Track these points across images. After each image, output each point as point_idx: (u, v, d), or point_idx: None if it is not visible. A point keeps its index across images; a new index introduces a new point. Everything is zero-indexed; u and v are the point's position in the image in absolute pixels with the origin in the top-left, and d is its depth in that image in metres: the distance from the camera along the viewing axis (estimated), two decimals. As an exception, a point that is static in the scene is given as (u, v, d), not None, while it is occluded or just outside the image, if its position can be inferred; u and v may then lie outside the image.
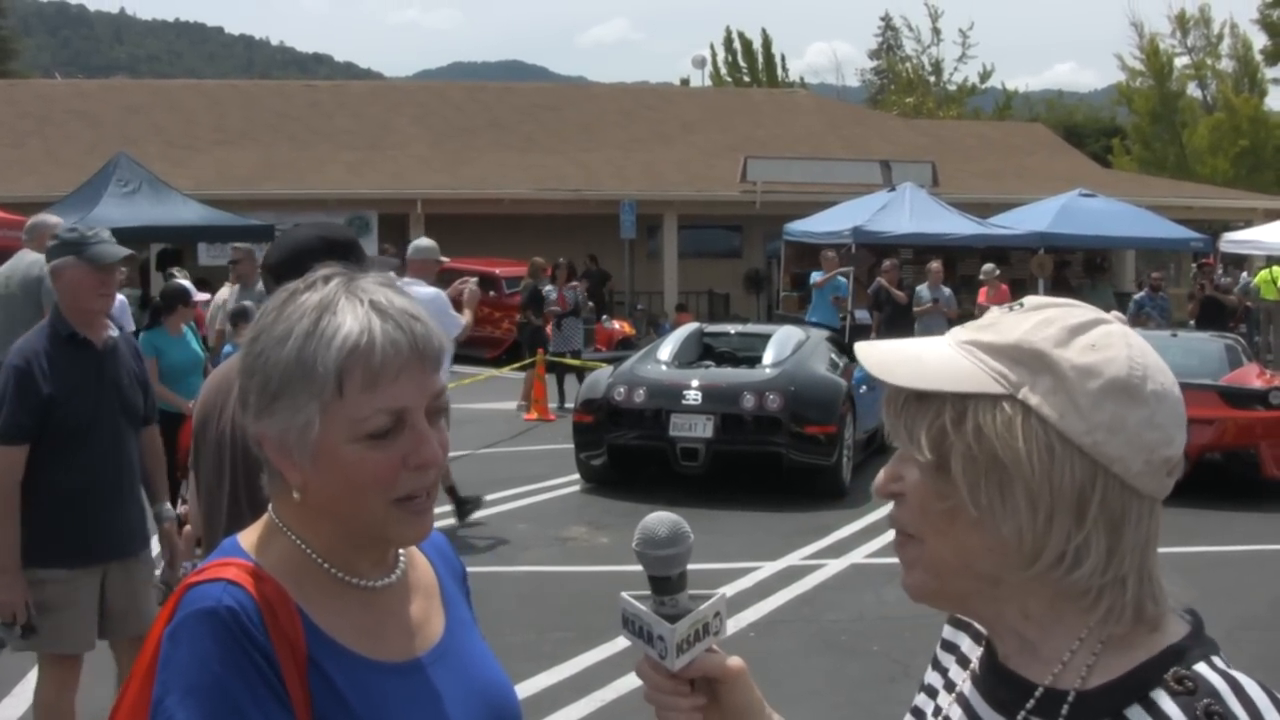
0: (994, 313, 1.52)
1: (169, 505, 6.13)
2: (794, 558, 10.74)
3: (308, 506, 1.77)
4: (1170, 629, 1.45)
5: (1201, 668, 1.40)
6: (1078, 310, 1.48)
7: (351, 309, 1.72)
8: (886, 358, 1.51)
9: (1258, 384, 13.84)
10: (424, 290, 10.60)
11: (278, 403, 1.72)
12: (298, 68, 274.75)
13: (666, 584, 1.70)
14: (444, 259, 11.80)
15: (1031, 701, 1.46)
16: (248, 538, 1.84)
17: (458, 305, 11.84)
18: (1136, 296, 23.18)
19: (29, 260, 9.41)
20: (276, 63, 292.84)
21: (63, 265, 5.50)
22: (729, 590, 9.61)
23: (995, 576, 1.45)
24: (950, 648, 1.70)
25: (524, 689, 7.27)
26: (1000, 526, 1.42)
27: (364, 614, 1.82)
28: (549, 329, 20.25)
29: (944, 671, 1.68)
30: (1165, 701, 1.38)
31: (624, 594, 1.71)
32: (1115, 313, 1.57)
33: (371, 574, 1.85)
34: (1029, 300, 1.52)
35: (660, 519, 1.72)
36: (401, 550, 1.93)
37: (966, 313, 18.79)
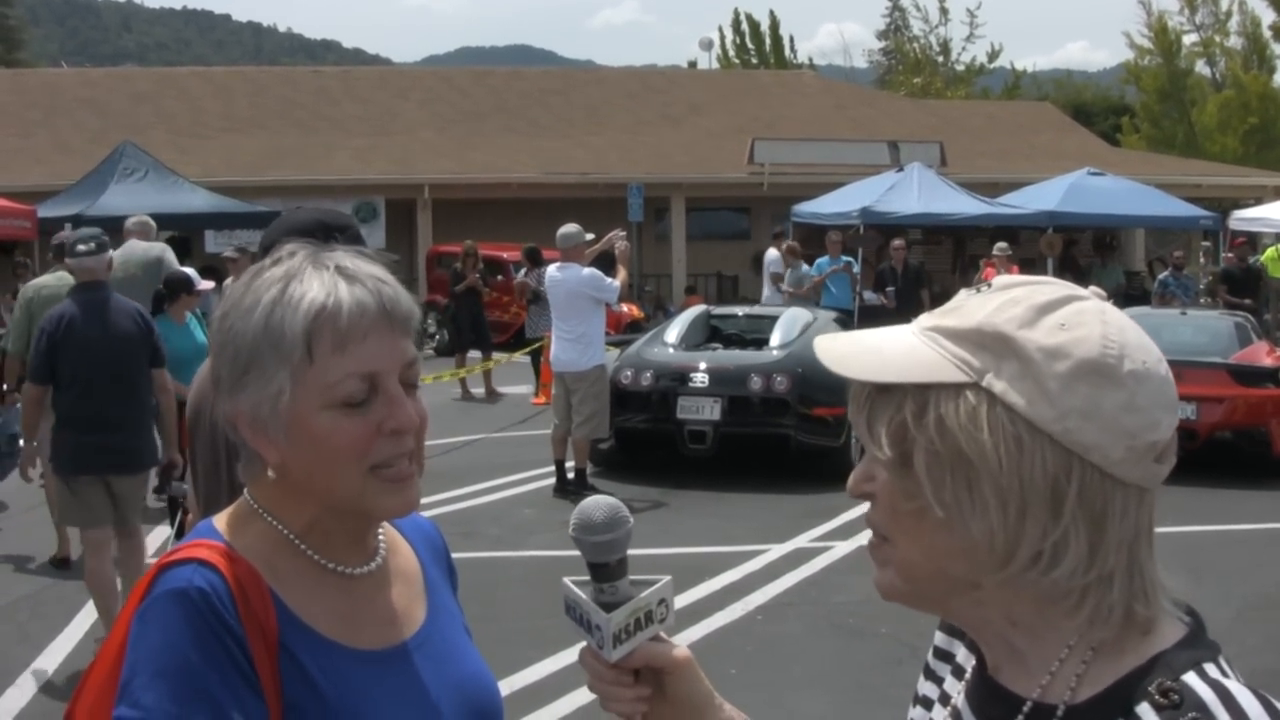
0: (961, 295, 1.43)
1: None
2: (802, 540, 10.71)
3: (286, 486, 1.75)
4: (1163, 633, 1.35)
5: (1190, 678, 1.29)
6: (1047, 288, 1.38)
7: (318, 275, 1.71)
8: (846, 350, 1.42)
9: (1268, 362, 13.79)
10: (582, 270, 12.12)
11: (248, 375, 1.70)
12: (306, 54, 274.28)
13: (605, 571, 1.62)
14: (589, 235, 12.55)
15: (1020, 717, 1.37)
16: (222, 520, 1.82)
17: (610, 260, 12.21)
18: (1161, 276, 23.10)
19: (144, 247, 11.74)
20: (285, 49, 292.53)
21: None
22: (736, 573, 9.60)
23: (971, 580, 1.36)
24: (945, 656, 1.60)
25: (530, 674, 7.28)
26: (969, 526, 1.32)
27: (340, 600, 1.79)
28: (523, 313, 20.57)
29: (939, 682, 1.58)
30: (1150, 717, 1.28)
31: (565, 580, 1.65)
32: (1094, 288, 1.43)
33: (350, 559, 1.82)
34: (998, 280, 1.42)
35: (597, 503, 1.64)
36: (383, 536, 1.90)
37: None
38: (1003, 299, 1.37)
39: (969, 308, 1.39)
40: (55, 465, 7.90)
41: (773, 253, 22.07)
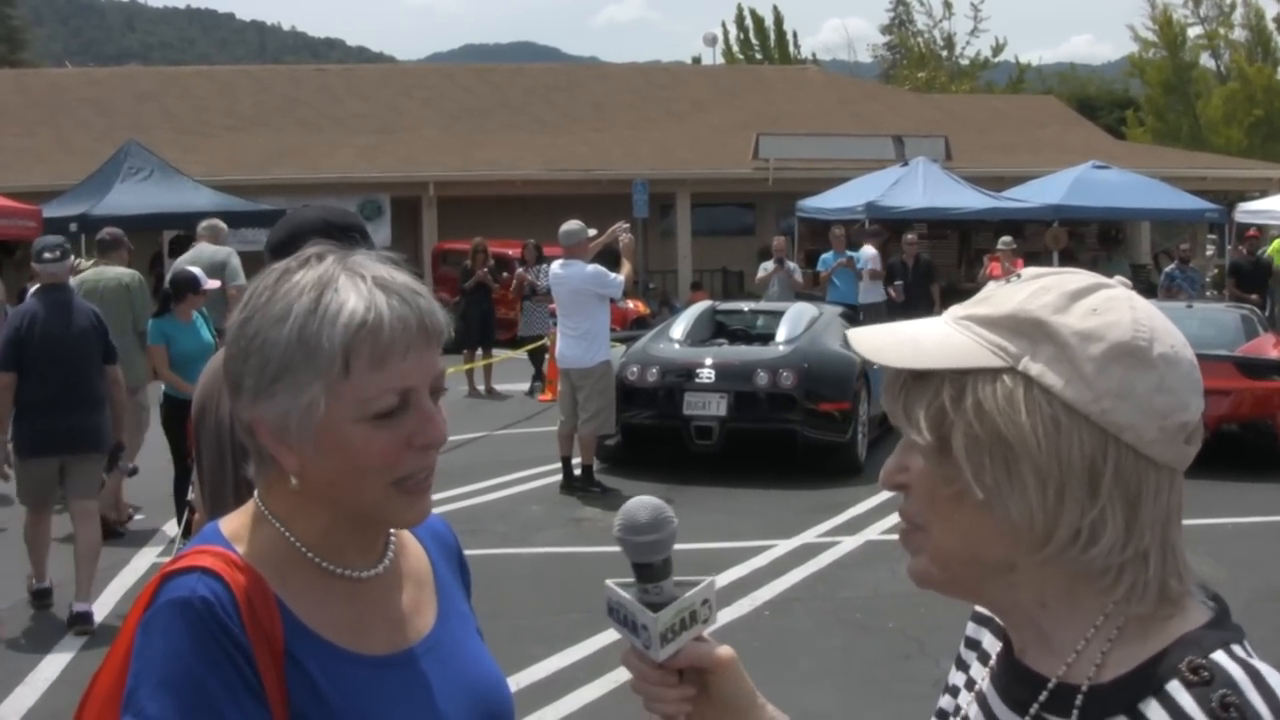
0: (991, 286, 1.46)
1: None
2: (809, 535, 10.71)
3: (303, 493, 1.72)
4: (1190, 616, 1.37)
5: (1219, 656, 1.31)
6: (1077, 276, 1.42)
7: (353, 285, 1.66)
8: (881, 341, 1.45)
9: (1274, 354, 13.76)
10: (586, 267, 12.14)
11: (278, 384, 1.66)
12: (310, 52, 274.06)
13: (650, 571, 1.62)
14: (592, 231, 12.58)
15: (1044, 694, 1.39)
16: (229, 525, 1.79)
17: (613, 254, 12.18)
18: (1167, 269, 23.10)
19: (211, 250, 12.52)
20: (289, 48, 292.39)
21: None
22: (743, 569, 9.59)
23: (1008, 562, 1.38)
24: (973, 645, 1.62)
25: (537, 670, 7.27)
26: (1009, 507, 1.34)
27: (348, 606, 1.77)
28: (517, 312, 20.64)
29: (966, 669, 1.61)
30: (1180, 694, 1.29)
31: (609, 582, 1.64)
32: (1119, 277, 1.45)
33: (358, 564, 1.80)
34: (1026, 271, 1.45)
35: (642, 503, 1.63)
36: (393, 537, 1.88)
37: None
38: (1034, 287, 1.41)
39: (1000, 296, 1.42)
40: (16, 447, 8.59)
41: (869, 249, 21.40)
